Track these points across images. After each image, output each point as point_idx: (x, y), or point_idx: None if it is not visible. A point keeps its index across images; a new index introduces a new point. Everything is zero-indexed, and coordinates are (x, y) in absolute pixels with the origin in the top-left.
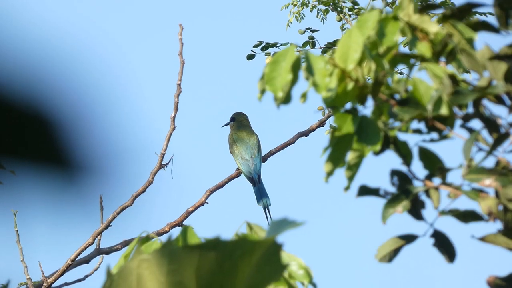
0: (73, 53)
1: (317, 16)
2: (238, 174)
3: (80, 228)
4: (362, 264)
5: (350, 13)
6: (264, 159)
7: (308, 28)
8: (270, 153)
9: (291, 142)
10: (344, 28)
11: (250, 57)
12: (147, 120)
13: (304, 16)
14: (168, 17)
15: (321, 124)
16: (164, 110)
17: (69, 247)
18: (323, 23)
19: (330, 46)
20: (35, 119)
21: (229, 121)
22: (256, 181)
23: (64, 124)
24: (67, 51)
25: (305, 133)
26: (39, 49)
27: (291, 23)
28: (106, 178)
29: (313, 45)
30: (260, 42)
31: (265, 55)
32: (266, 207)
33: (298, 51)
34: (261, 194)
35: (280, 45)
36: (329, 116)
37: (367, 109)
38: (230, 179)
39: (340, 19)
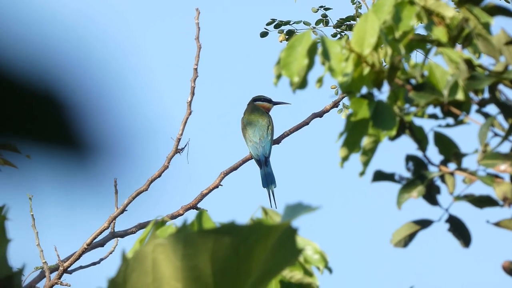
0: (88, 34)
1: None
2: (251, 157)
3: (95, 212)
4: (377, 249)
5: None
6: (278, 141)
7: (321, 6)
8: (284, 135)
9: (305, 123)
10: (355, 2)
11: (264, 34)
12: (163, 105)
13: None
14: (183, 1)
15: (335, 105)
16: (181, 95)
17: (85, 231)
18: None
19: (342, 22)
20: (48, 100)
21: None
22: (262, 163)
23: (78, 106)
24: (82, 32)
25: (319, 114)
26: (53, 31)
27: None
28: (121, 161)
29: (326, 23)
30: (273, 20)
31: (278, 33)
32: (271, 191)
33: (313, 31)
34: (267, 178)
35: (293, 23)
36: (343, 97)
37: (383, 94)
38: (244, 161)
39: None
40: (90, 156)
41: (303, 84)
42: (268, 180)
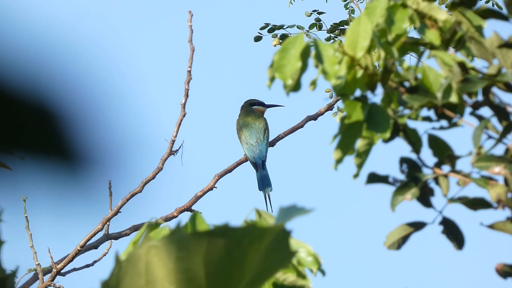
0: (80, 41)
1: None
2: (246, 159)
3: (89, 214)
4: (371, 251)
5: None
6: (272, 143)
7: (314, 11)
8: (279, 138)
9: (300, 126)
10: (348, 6)
11: (258, 39)
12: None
13: None
14: (176, 4)
15: (330, 107)
16: (175, 97)
17: (78, 233)
18: (326, 1)
19: (335, 27)
20: (41, 110)
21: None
22: (259, 166)
23: (70, 114)
24: (73, 39)
25: (314, 117)
26: (45, 41)
27: (293, 0)
28: (114, 166)
29: (320, 27)
30: (267, 24)
31: (272, 37)
32: (267, 195)
33: (306, 35)
34: (263, 181)
35: (287, 27)
36: (337, 100)
37: (377, 96)
38: (238, 163)
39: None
40: (82, 165)
41: (296, 86)
42: (264, 183)
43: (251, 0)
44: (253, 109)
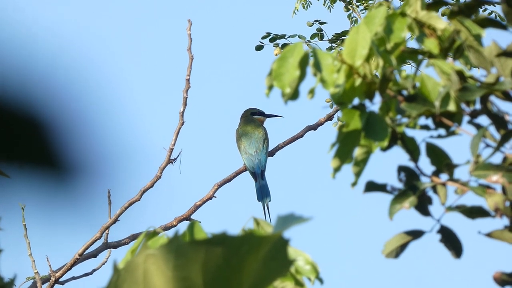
0: (76, 50)
1: (324, 4)
2: (245, 169)
3: (87, 223)
4: (369, 259)
5: (357, 3)
6: (272, 153)
7: (316, 21)
8: (278, 147)
9: (300, 136)
10: (351, 17)
11: (259, 48)
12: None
13: (311, 3)
14: (175, 12)
15: (329, 118)
16: (173, 105)
17: (77, 242)
18: (330, 11)
19: (337, 37)
20: (32, 121)
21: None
22: (258, 176)
23: (64, 124)
24: (68, 49)
25: (314, 127)
26: (34, 49)
27: (297, 10)
28: (111, 175)
29: (321, 37)
30: (268, 34)
31: (273, 46)
32: (265, 204)
33: (307, 44)
34: (262, 191)
35: (288, 37)
36: (337, 110)
37: (375, 105)
38: (238, 173)
39: (348, 10)
40: (76, 175)
41: (294, 95)
42: (263, 193)
43: (254, 9)
44: (253, 118)
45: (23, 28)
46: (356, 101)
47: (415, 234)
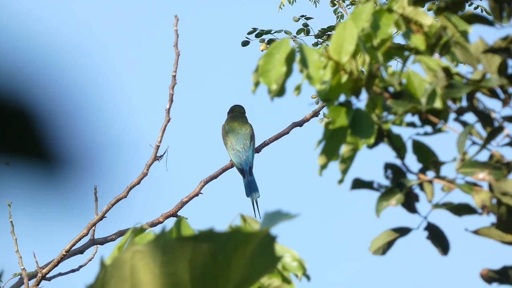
0: (62, 44)
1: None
2: (232, 165)
3: (74, 219)
4: (355, 256)
5: None
6: (258, 149)
7: (302, 16)
8: (264, 144)
9: (286, 132)
10: (337, 12)
11: (245, 43)
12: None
13: None
14: (161, 8)
15: (315, 114)
16: (159, 102)
17: (64, 238)
18: (316, 6)
19: (323, 32)
20: (20, 113)
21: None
22: (246, 172)
23: (50, 117)
24: (54, 42)
25: (300, 124)
26: (25, 43)
27: (283, 5)
28: (98, 169)
29: (307, 32)
30: (254, 29)
31: (260, 42)
32: (254, 201)
33: (293, 39)
34: (250, 187)
35: (274, 32)
36: (323, 106)
37: (361, 102)
38: (224, 169)
39: (334, 5)
40: (64, 168)
41: (281, 91)
42: (252, 189)
43: (239, 4)
44: (238, 114)
45: (11, 19)
46: (342, 97)
47: (402, 231)
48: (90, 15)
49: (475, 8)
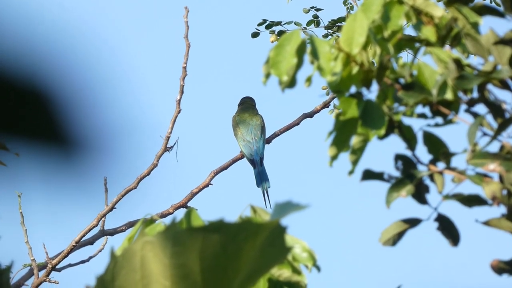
0: (76, 31)
1: None
2: (242, 156)
3: (84, 210)
4: (366, 247)
5: None
6: (268, 140)
7: (312, 7)
8: (275, 135)
9: (296, 123)
10: (347, 3)
11: (255, 35)
12: (152, 103)
13: None
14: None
15: (326, 105)
16: (170, 93)
17: (74, 229)
18: None
19: (333, 24)
20: (36, 96)
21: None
22: (257, 163)
23: (66, 102)
24: (70, 28)
25: (310, 115)
26: (40, 26)
27: None
28: (109, 158)
29: (318, 24)
30: (264, 21)
31: (270, 33)
32: (265, 191)
33: (303, 31)
34: (261, 177)
35: (284, 24)
36: (333, 97)
37: (372, 93)
38: (234, 160)
39: None
40: (78, 153)
41: (292, 83)
42: (263, 179)
43: None
44: (249, 105)
45: (27, 2)
46: (353, 89)
47: (412, 222)
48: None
49: None
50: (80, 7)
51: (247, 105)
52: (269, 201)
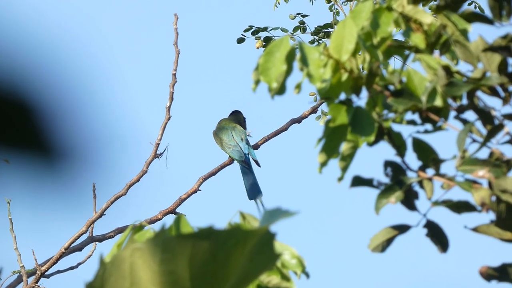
0: (63, 38)
1: None
2: (230, 162)
3: (73, 216)
4: (355, 254)
5: None
6: (257, 146)
7: (298, 13)
8: (263, 140)
9: (284, 129)
10: (333, 9)
11: (240, 40)
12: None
13: None
14: (161, 6)
15: (314, 110)
16: (160, 100)
17: (63, 236)
18: (312, 4)
19: (320, 30)
20: (21, 106)
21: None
22: (250, 162)
23: (51, 112)
24: (56, 37)
25: (298, 120)
26: (25, 37)
27: (278, 3)
28: (98, 165)
29: (304, 30)
30: (251, 27)
31: (255, 39)
32: (259, 201)
33: (290, 37)
34: (253, 189)
35: (271, 30)
36: (321, 103)
37: (362, 100)
38: (222, 166)
39: (329, 2)
40: (63, 161)
41: (281, 90)
42: (255, 192)
43: (235, 2)
44: (232, 119)
45: (11, 13)
46: (342, 96)
47: (401, 229)
48: (90, 10)
49: (469, 3)
50: (68, 17)
51: (227, 118)
52: (263, 208)
